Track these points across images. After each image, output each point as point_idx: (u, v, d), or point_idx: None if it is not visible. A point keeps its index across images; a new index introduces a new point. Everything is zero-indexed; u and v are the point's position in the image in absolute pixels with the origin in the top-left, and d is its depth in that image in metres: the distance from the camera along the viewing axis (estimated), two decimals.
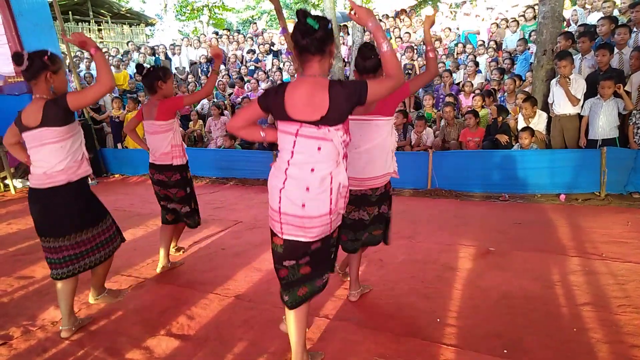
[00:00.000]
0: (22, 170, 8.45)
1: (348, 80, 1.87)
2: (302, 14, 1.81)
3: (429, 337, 2.46)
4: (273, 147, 7.92)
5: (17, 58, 2.38)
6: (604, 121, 5.18)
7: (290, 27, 2.08)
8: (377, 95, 1.85)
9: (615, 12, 7.48)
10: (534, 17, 8.61)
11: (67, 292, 2.68)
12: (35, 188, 2.52)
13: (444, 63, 9.09)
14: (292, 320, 2.08)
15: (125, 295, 3.17)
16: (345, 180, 1.90)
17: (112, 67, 11.81)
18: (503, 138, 5.96)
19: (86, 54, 13.57)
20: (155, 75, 3.32)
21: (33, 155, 2.52)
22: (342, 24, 11.59)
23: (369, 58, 2.50)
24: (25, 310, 3.07)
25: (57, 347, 2.58)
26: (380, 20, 11.76)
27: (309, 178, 1.85)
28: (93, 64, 12.54)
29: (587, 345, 2.31)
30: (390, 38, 10.85)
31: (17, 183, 7.96)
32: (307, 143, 1.84)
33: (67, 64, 10.40)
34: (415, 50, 9.18)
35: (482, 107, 6.84)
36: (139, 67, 3.45)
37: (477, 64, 8.20)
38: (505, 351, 2.30)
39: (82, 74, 11.29)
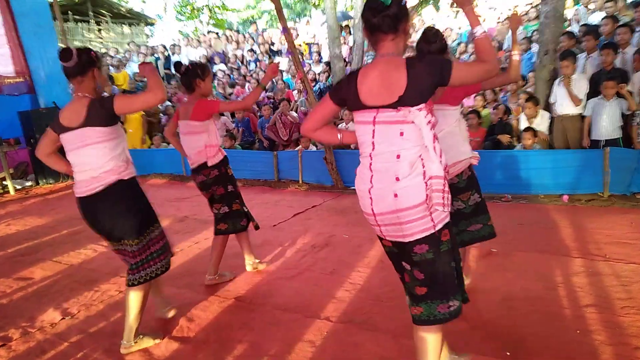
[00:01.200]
0: (21, 171, 8.45)
1: (426, 61, 1.67)
2: None
3: None
4: (273, 147, 7.91)
5: (65, 53, 2.25)
6: (607, 121, 5.16)
7: (290, 27, 2.03)
8: (463, 78, 1.64)
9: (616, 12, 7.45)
10: (537, 17, 8.58)
11: (137, 303, 2.47)
12: (84, 196, 2.31)
13: None
14: (417, 340, 1.85)
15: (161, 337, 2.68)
16: (439, 170, 1.67)
17: (111, 67, 11.82)
18: (505, 138, 5.93)
19: None
20: (194, 73, 3.15)
21: (74, 159, 2.33)
22: (343, 24, 11.56)
23: (433, 42, 2.41)
24: (24, 312, 3.05)
25: (56, 348, 2.56)
26: None
27: (397, 166, 1.66)
28: None
29: (591, 347, 2.29)
30: None
31: (16, 184, 7.95)
32: (388, 129, 1.67)
33: None
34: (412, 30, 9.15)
35: (484, 107, 6.82)
36: (177, 64, 3.24)
37: None
38: (507, 353, 2.27)
39: None
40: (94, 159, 2.28)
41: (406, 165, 1.65)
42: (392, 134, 1.67)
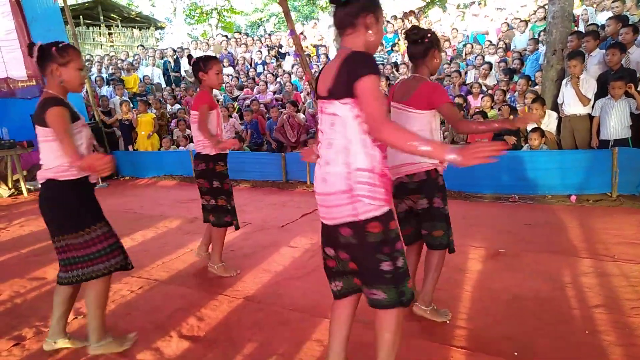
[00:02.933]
0: (35, 173, 8.56)
1: (362, 55, 1.66)
2: None
3: (438, 339, 2.45)
4: (281, 149, 7.95)
5: (29, 49, 2.29)
6: (616, 121, 5.13)
7: (298, 30, 2.05)
8: (362, 100, 1.61)
9: (625, 12, 7.41)
10: (544, 17, 8.55)
11: (60, 299, 2.52)
12: (40, 185, 2.45)
13: (457, 64, 9.07)
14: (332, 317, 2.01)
15: (133, 341, 2.62)
16: (365, 163, 1.69)
17: (122, 71, 11.95)
18: (511, 140, 5.92)
19: (96, 59, 13.73)
20: (196, 67, 3.36)
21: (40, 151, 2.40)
22: None
23: (415, 42, 2.43)
24: (37, 312, 3.10)
25: (69, 347, 2.60)
26: (388, 21, 11.75)
27: (328, 153, 1.76)
28: (104, 67, 12.69)
29: (600, 348, 2.28)
30: (398, 39, 10.85)
31: (30, 185, 8.06)
32: (325, 119, 1.79)
33: None
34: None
35: (491, 107, 6.80)
36: (189, 58, 3.53)
37: (490, 65, 8.16)
38: (515, 354, 2.27)
39: (93, 77, 11.41)
40: (45, 154, 2.35)
41: (333, 153, 1.74)
42: (327, 123, 1.77)
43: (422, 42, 2.45)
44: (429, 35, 2.47)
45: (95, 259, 2.39)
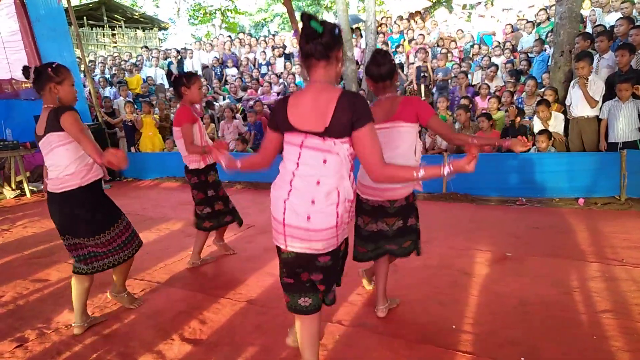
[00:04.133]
0: (38, 174, 8.59)
1: (361, 99, 1.74)
2: (306, 18, 1.72)
3: (443, 344, 2.41)
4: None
5: (25, 72, 2.50)
6: (624, 123, 5.07)
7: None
8: (361, 142, 1.70)
9: (634, 13, 7.35)
10: (548, 19, 8.52)
11: (80, 290, 2.74)
12: (51, 192, 2.56)
13: (469, 64, 9.03)
14: (299, 329, 2.05)
15: (140, 303, 3.13)
16: (351, 194, 1.82)
17: (125, 72, 11.97)
18: (517, 150, 5.87)
19: (99, 60, 13.76)
20: (179, 82, 3.44)
21: (47, 162, 2.58)
22: (354, 27, 11.57)
23: (382, 64, 2.42)
24: (40, 313, 3.09)
25: (71, 350, 2.59)
26: (394, 22, 11.72)
27: (314, 191, 1.76)
28: (107, 68, 12.72)
29: (607, 354, 2.24)
30: (404, 40, 10.81)
31: (32, 187, 8.08)
32: (313, 155, 1.76)
33: (82, 69, 10.56)
34: (427, 53, 9.10)
35: (498, 109, 6.75)
36: (169, 74, 3.58)
37: (497, 67, 8.11)
38: (522, 359, 2.24)
39: (96, 78, 11.44)
40: (58, 160, 2.51)
41: (323, 193, 1.75)
42: (316, 159, 1.76)
43: (390, 64, 2.46)
44: (392, 58, 2.55)
45: (116, 251, 2.71)
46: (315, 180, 1.76)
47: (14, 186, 7.88)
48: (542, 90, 6.44)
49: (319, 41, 1.72)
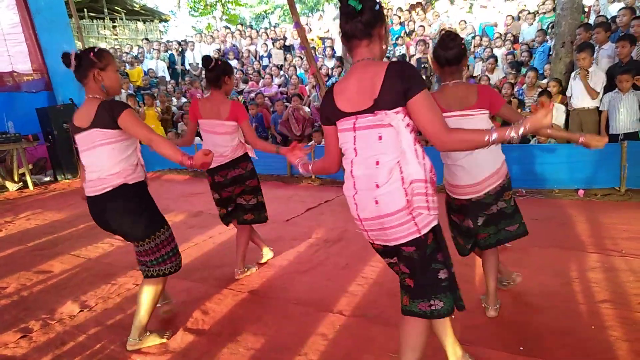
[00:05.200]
0: (40, 167, 8.62)
1: (410, 67, 1.65)
2: None
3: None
4: (286, 142, 7.93)
5: (65, 59, 2.26)
6: (625, 115, 5.06)
7: (303, 22, 1.99)
8: (417, 112, 1.57)
9: (637, 4, 7.30)
10: (554, 9, 8.45)
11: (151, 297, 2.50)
12: (92, 196, 2.33)
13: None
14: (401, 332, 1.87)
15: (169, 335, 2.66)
16: (420, 173, 1.63)
17: (126, 64, 11.94)
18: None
19: None
20: (223, 69, 3.15)
21: (85, 159, 2.34)
22: None
23: (450, 48, 2.31)
24: (44, 304, 3.12)
25: (75, 340, 2.62)
26: (395, 14, 11.65)
27: (376, 173, 1.65)
28: None
29: (606, 343, 2.26)
30: (405, 32, 10.75)
31: (35, 179, 8.11)
32: (367, 134, 1.66)
33: None
34: (428, 44, 9.06)
35: None
36: (207, 58, 3.16)
37: (495, 59, 8.07)
38: (521, 348, 2.26)
39: None
40: (101, 160, 2.28)
41: (385, 172, 1.63)
42: (371, 138, 1.65)
43: (458, 48, 2.34)
44: (462, 41, 2.40)
45: (158, 263, 2.46)
46: (375, 161, 1.65)
47: (16, 179, 7.91)
48: (546, 81, 6.43)
49: (359, 19, 1.63)
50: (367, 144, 1.66)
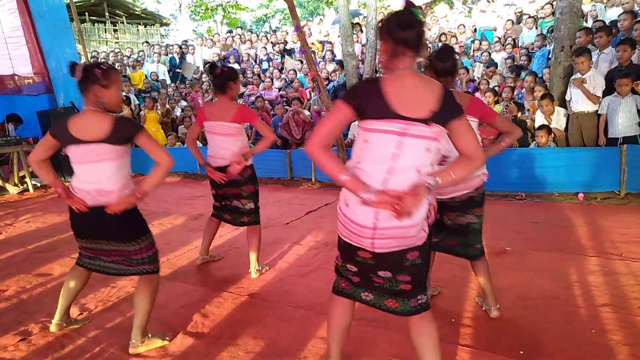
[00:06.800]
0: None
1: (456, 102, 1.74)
2: (408, 3, 1.66)
3: (443, 338, 2.42)
4: (286, 145, 7.95)
5: (71, 69, 2.27)
6: (624, 118, 5.08)
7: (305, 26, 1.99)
8: (462, 131, 1.68)
9: (636, 7, 7.32)
10: (553, 13, 8.47)
11: (73, 288, 2.65)
12: (92, 207, 2.35)
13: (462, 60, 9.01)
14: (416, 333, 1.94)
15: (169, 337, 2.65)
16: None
17: (127, 67, 11.96)
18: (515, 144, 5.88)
19: (102, 55, 13.77)
20: (229, 75, 3.27)
21: (83, 171, 2.34)
22: (354, 22, 11.54)
23: (447, 61, 2.44)
24: (43, 307, 3.12)
25: (75, 343, 2.61)
26: None
27: (413, 182, 1.66)
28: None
29: (606, 347, 2.26)
30: None
31: (35, 182, 8.11)
32: (415, 143, 1.65)
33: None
34: (428, 48, 9.08)
35: (496, 102, 6.74)
36: (213, 66, 3.30)
37: (495, 67, 8.09)
38: (521, 352, 2.26)
39: None
40: (106, 173, 2.31)
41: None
42: (418, 148, 1.66)
43: (453, 61, 2.48)
44: (455, 56, 2.54)
45: (156, 259, 2.58)
46: (416, 170, 1.67)
47: (17, 181, 7.91)
48: (534, 85, 6.44)
49: (416, 30, 1.65)
50: (412, 152, 1.66)
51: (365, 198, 1.64)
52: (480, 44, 9.48)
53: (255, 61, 12.08)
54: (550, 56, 6.86)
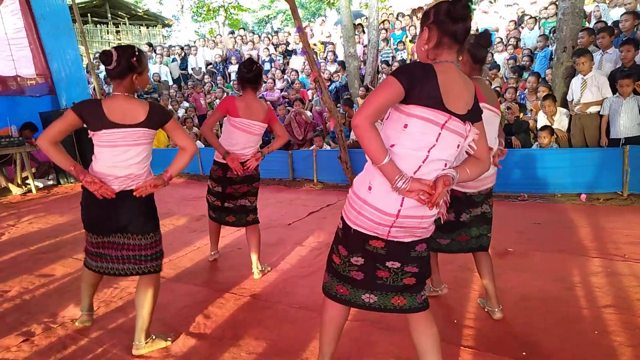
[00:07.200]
0: (43, 171, 8.64)
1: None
2: None
3: (445, 339, 2.42)
4: (288, 146, 7.95)
5: (105, 57, 2.26)
6: (626, 119, 5.07)
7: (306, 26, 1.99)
8: (480, 129, 1.74)
9: (638, 8, 7.31)
10: (555, 14, 8.46)
11: (90, 283, 2.74)
12: (119, 192, 2.35)
13: None
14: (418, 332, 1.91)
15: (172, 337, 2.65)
16: None
17: None
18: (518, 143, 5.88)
19: None
20: (261, 74, 3.31)
21: (118, 155, 2.32)
22: (356, 22, 11.55)
23: (487, 46, 2.43)
24: (46, 308, 3.12)
25: (77, 344, 2.62)
26: (396, 18, 11.67)
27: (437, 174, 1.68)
28: None
29: (609, 349, 2.26)
30: (406, 36, 10.78)
31: (38, 183, 8.13)
32: (450, 137, 1.65)
33: (86, 65, 10.59)
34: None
35: (499, 102, 6.75)
36: (251, 62, 3.26)
37: (498, 69, 8.08)
38: (523, 353, 2.25)
39: (101, 75, 11.47)
40: (140, 157, 2.39)
41: None
42: (451, 143, 1.67)
43: (487, 51, 2.49)
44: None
45: (160, 257, 2.58)
46: (444, 163, 1.67)
47: (19, 182, 7.93)
48: (537, 86, 6.46)
49: (466, 24, 1.62)
50: (446, 146, 1.66)
51: (400, 185, 1.59)
52: None
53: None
54: (552, 57, 6.86)
